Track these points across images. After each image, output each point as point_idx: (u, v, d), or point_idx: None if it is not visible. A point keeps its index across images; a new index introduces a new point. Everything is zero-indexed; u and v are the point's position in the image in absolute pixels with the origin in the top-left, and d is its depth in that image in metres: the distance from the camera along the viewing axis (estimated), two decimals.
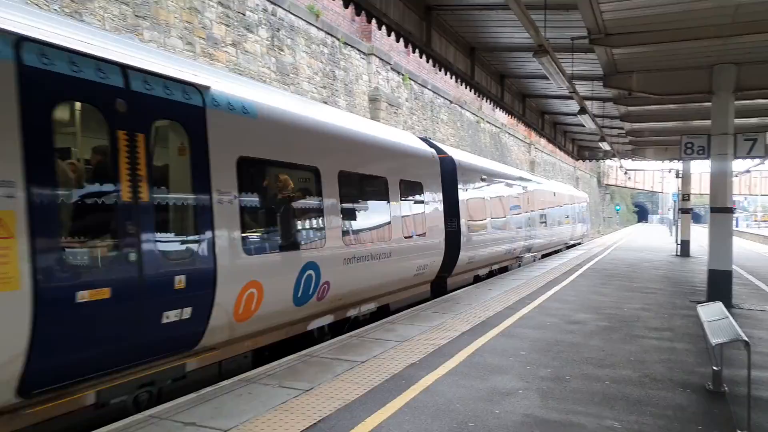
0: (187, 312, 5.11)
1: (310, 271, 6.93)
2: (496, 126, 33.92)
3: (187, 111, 5.29)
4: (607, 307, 10.11)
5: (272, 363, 6.07)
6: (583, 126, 21.37)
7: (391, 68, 20.47)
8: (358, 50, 18.28)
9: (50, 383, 4.17)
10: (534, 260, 20.37)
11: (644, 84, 11.08)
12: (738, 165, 22.18)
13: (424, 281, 10.98)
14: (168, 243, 5.12)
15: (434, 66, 10.99)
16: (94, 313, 4.29)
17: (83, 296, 4.19)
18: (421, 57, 10.40)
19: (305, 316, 7.18)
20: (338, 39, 16.98)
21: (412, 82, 22.26)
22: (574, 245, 28.92)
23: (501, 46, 12.10)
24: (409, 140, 11.16)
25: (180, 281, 5.01)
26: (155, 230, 4.89)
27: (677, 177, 22.83)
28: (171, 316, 4.96)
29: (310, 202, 7.31)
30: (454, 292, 11.61)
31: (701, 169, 41.00)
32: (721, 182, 10.14)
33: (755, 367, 5.97)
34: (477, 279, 14.22)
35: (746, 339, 4.04)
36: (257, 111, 6.21)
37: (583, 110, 11.43)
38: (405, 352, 6.61)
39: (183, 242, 5.31)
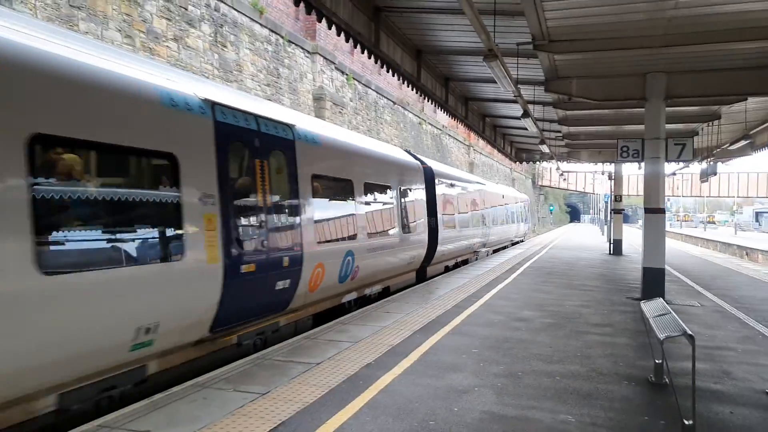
0: (287, 283, 7.31)
1: (349, 258, 9.23)
2: (437, 128, 34.44)
3: (285, 143, 7.48)
4: (550, 304, 10.46)
5: (225, 367, 5.93)
6: (522, 129, 22.09)
7: (336, 68, 20.41)
8: (303, 49, 18.12)
9: (222, 326, 6.23)
10: (488, 254, 22.73)
11: (583, 89, 11.51)
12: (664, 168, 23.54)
13: (413, 269, 13.44)
14: (281, 234, 7.28)
15: (382, 67, 11.04)
16: (248, 280, 6.39)
17: (244, 269, 6.32)
18: (369, 58, 10.43)
19: (342, 292, 9.51)
20: (282, 37, 16.77)
21: (357, 82, 22.28)
22: (518, 242, 32.00)
23: (447, 49, 12.30)
24: (403, 155, 13.59)
25: (285, 261, 7.25)
26: (275, 226, 7.12)
27: (610, 179, 23.86)
28: (280, 285, 7.18)
29: (348, 205, 9.58)
30: (402, 292, 11.71)
31: (630, 172, 43.10)
32: (654, 184, 10.69)
33: (687, 359, 6.37)
34: (446, 269, 16.61)
35: (691, 333, 4.28)
36: (320, 140, 8.59)
37: (526, 114, 11.77)
38: (359, 353, 6.62)
39: (287, 234, 7.43)
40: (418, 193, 13.29)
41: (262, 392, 5.13)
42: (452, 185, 16.85)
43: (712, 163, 18.61)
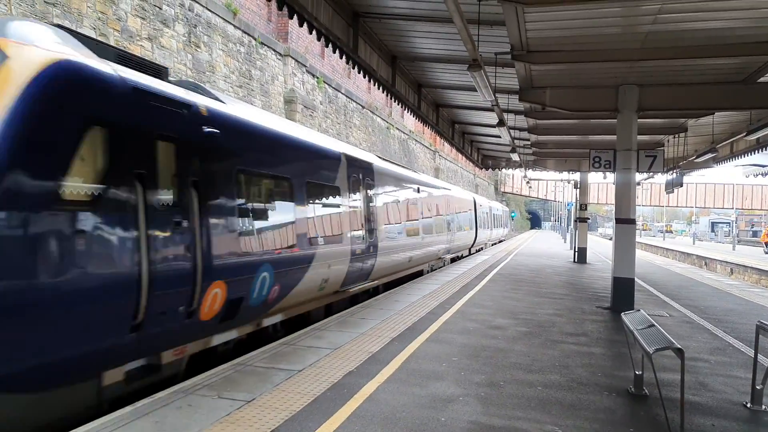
0: (369, 263, 11.50)
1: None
2: (404, 132, 34.56)
3: (369, 172, 12.01)
4: (522, 312, 10.55)
5: (206, 372, 5.75)
6: (490, 136, 22.41)
7: (307, 70, 20.25)
8: (275, 51, 17.92)
9: (344, 286, 10.31)
10: (488, 245, 32.37)
11: (557, 99, 11.69)
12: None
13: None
14: (371, 232, 11.60)
15: (359, 72, 10.98)
16: (358, 258, 10.70)
17: (355, 251, 10.47)
18: (347, 63, 10.36)
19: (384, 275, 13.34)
20: (255, 39, 16.56)
21: (327, 86, 22.16)
22: (500, 242, 40.48)
23: (421, 56, 12.32)
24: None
25: (371, 248, 11.56)
26: (367, 226, 11.45)
27: (576, 188, 24.32)
28: (367, 264, 11.42)
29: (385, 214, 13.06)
30: (376, 297, 11.65)
31: (593, 180, 43.87)
32: (625, 195, 10.91)
33: (665, 370, 6.50)
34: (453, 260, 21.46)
35: (680, 346, 4.34)
36: (379, 167, 12.92)
37: (501, 123, 11.89)
38: (340, 360, 6.52)
39: (374, 232, 11.76)
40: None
41: (248, 399, 5.00)
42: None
43: (677, 174, 19.16)
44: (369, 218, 11.61)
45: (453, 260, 22.08)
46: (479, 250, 30.46)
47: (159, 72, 6.04)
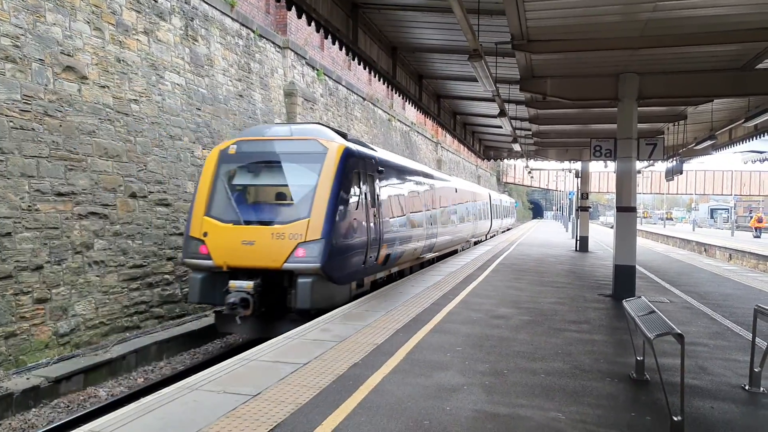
0: (434, 241, 16.78)
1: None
2: (406, 124, 34.50)
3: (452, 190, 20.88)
4: (525, 301, 10.60)
5: (211, 368, 5.82)
6: (491, 127, 22.41)
7: (306, 63, 20.21)
8: (274, 43, 17.88)
9: (422, 254, 16.20)
10: (499, 232, 39.66)
11: (557, 89, 11.67)
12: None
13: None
14: (434, 224, 16.40)
15: (360, 64, 10.99)
16: (428, 239, 16.06)
17: (427, 235, 15.83)
18: (347, 54, 10.36)
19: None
20: (253, 31, 16.52)
21: (327, 78, 22.12)
22: (508, 229, 47.35)
23: (422, 46, 12.31)
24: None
25: (434, 234, 16.77)
26: (432, 221, 16.65)
27: (577, 177, 24.33)
28: (431, 242, 16.55)
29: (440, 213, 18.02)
30: (381, 289, 11.70)
31: (594, 169, 44.11)
32: (626, 183, 10.92)
33: (666, 355, 6.55)
34: (475, 243, 27.52)
35: (680, 332, 4.38)
36: (440, 182, 18.90)
37: (502, 113, 11.89)
38: (345, 352, 6.57)
39: (435, 224, 16.83)
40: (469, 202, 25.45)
41: (253, 393, 5.04)
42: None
43: (677, 162, 19.16)
44: (433, 216, 16.99)
45: (475, 243, 28.12)
46: (493, 236, 35.82)
47: (363, 143, 12.08)
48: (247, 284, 8.96)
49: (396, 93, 13.61)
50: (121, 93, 10.71)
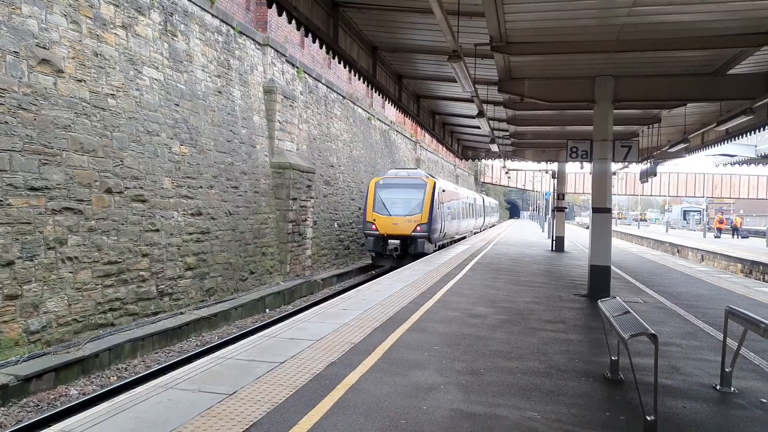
0: (470, 223, 34.41)
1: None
2: (385, 123, 34.51)
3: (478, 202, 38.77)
4: (502, 300, 10.70)
5: (186, 366, 5.77)
6: (470, 127, 22.52)
7: (286, 60, 20.10)
8: (254, 40, 17.75)
9: (470, 232, 35.42)
10: (489, 225, 50.54)
11: (535, 90, 11.80)
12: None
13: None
14: (468, 217, 32.36)
15: (340, 63, 10.96)
16: (464, 227, 31.63)
17: (473, 219, 35.85)
18: (327, 53, 10.34)
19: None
20: (233, 28, 16.37)
21: (307, 76, 22.02)
22: (492, 226, 55.34)
23: (402, 46, 12.32)
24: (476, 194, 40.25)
25: (476, 222, 38.03)
26: (465, 216, 31.39)
27: (553, 177, 24.60)
28: (468, 225, 32.95)
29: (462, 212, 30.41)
30: (356, 288, 11.71)
31: (570, 170, 44.92)
32: (602, 184, 11.10)
33: (640, 355, 6.67)
34: (476, 231, 38.82)
35: (654, 332, 4.47)
36: (469, 195, 35.30)
37: (481, 114, 11.98)
38: (322, 351, 6.57)
39: (470, 216, 33.47)
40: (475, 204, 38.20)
41: (229, 392, 5.02)
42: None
43: (651, 164, 19.50)
44: (460, 213, 28.69)
45: (474, 233, 37.67)
46: (488, 228, 48.56)
47: (435, 176, 25.84)
48: (395, 242, 20.82)
49: (376, 92, 13.61)
50: (98, 87, 10.53)
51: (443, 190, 23.60)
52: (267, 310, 15.03)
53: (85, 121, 10.09)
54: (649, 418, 4.30)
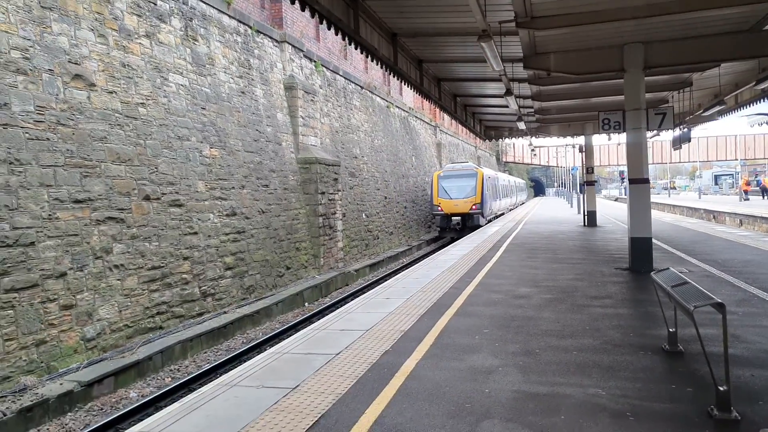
0: (512, 201, 47.14)
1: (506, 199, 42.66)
2: (404, 110, 34.36)
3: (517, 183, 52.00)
4: (543, 279, 10.62)
5: (246, 364, 5.87)
6: (491, 107, 22.32)
7: (304, 55, 20.11)
8: (271, 38, 17.79)
9: (507, 208, 44.88)
10: (520, 203, 55.70)
11: (561, 64, 11.60)
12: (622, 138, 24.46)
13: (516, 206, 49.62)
14: (508, 196, 42.15)
15: (362, 53, 10.93)
16: (507, 200, 42.55)
17: (508, 198, 43.81)
18: (350, 44, 10.31)
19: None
20: (251, 27, 16.43)
21: (325, 69, 22.01)
22: (523, 203, 59.44)
23: (422, 31, 12.22)
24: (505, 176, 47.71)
25: (511, 199, 46.31)
26: (506, 194, 41.40)
27: (581, 152, 24.25)
28: (509, 201, 44.68)
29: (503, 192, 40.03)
30: (397, 275, 11.74)
31: (596, 143, 44.93)
32: (637, 154, 10.89)
33: (700, 325, 6.55)
34: (512, 208, 46.52)
35: (720, 301, 4.37)
36: (507, 178, 46.04)
37: (509, 92, 11.85)
38: (374, 341, 6.61)
39: (508, 196, 42.80)
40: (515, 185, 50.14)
41: (292, 386, 5.09)
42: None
43: (684, 130, 19.07)
44: (502, 193, 38.20)
45: (511, 210, 44.39)
46: (522, 204, 56.36)
47: (482, 167, 40.67)
48: (457, 219, 28.24)
49: (398, 79, 13.55)
50: (129, 97, 10.69)
51: (488, 177, 31.20)
52: (306, 304, 15.18)
53: (119, 131, 10.26)
54: (721, 389, 4.22)
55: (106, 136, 9.89)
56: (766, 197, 41.33)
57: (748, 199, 39.89)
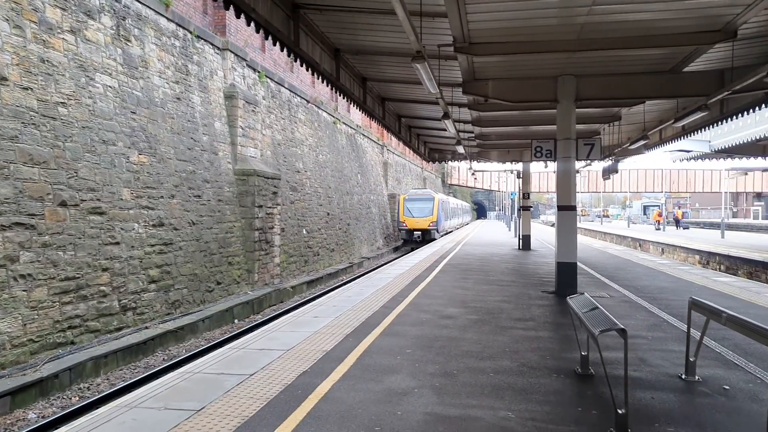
0: (459, 221, 60.04)
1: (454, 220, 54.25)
2: (351, 127, 34.38)
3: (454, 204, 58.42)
4: (472, 300, 10.70)
5: (151, 383, 5.54)
6: (436, 129, 22.58)
7: (247, 65, 19.80)
8: (213, 45, 17.43)
9: (456, 227, 57.11)
10: (464, 223, 65.45)
11: (498, 91, 11.86)
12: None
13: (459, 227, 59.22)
14: (455, 217, 54.66)
15: (302, 66, 10.80)
16: (456, 221, 57.99)
17: (455, 219, 55.69)
18: (289, 56, 10.17)
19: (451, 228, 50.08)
20: (191, 32, 16.04)
21: (269, 80, 21.75)
22: (467, 224, 68.40)
23: (365, 49, 12.23)
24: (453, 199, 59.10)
25: (461, 220, 61.92)
26: (453, 215, 51.86)
27: (518, 177, 24.86)
28: (457, 222, 57.06)
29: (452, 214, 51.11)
30: (327, 295, 11.54)
31: (534, 170, 46.79)
32: (566, 182, 11.21)
33: (609, 349, 6.70)
34: (457, 228, 55.75)
35: (623, 327, 4.47)
36: (452, 202, 55.29)
37: (446, 115, 11.96)
38: (293, 361, 6.41)
39: (455, 217, 54.75)
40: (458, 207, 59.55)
41: (197, 408, 4.82)
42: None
43: (613, 161, 19.86)
44: (450, 215, 47.62)
45: (457, 228, 53.31)
46: (464, 225, 63.30)
47: (440, 192, 51.97)
48: (418, 233, 37.20)
49: (340, 95, 13.48)
50: (47, 95, 10.13)
51: (442, 201, 40.63)
52: (236, 321, 14.73)
53: (33, 131, 9.68)
54: (620, 411, 4.30)
55: (17, 135, 9.29)
56: (679, 227, 45.33)
57: (659, 229, 43.26)
